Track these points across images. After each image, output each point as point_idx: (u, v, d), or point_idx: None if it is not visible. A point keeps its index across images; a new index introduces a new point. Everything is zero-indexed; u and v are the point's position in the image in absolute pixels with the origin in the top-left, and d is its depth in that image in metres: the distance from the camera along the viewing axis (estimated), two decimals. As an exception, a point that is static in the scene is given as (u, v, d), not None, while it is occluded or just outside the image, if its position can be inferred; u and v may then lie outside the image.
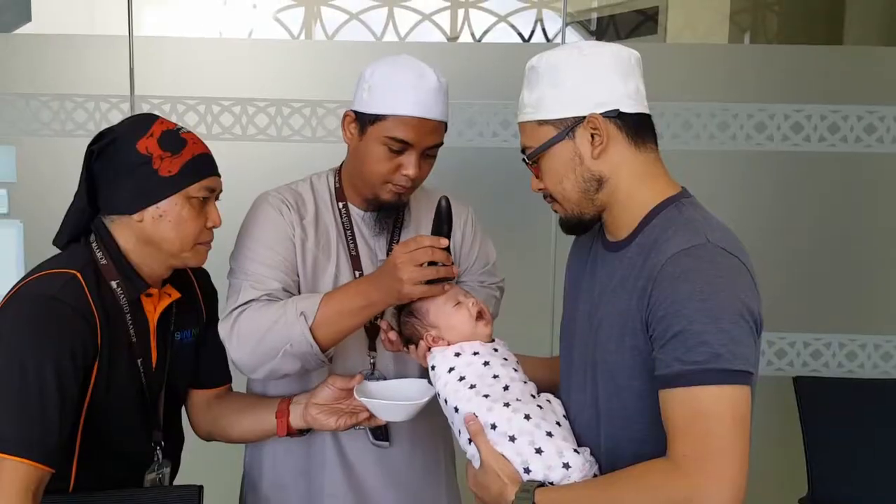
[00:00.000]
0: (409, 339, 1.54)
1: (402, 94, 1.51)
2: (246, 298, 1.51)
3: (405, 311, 1.53)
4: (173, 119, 2.54)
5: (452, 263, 1.45)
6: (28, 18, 2.92)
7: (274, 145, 2.57)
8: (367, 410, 1.52)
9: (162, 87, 2.57)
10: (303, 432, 1.59)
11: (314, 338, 1.45)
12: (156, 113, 1.74)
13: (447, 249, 1.44)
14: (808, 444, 2.40)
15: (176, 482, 1.62)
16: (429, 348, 1.48)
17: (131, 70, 2.56)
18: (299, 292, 1.59)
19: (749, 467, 1.13)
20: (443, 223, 1.47)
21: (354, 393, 1.49)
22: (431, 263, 1.42)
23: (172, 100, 2.56)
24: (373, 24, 2.80)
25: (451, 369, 1.42)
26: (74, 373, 1.35)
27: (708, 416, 1.12)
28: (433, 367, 1.46)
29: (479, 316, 1.48)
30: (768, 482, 2.55)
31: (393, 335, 1.55)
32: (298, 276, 1.59)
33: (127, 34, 2.55)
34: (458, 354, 1.44)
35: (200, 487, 1.52)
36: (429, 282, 1.42)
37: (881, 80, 2.59)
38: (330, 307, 1.47)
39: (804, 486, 2.40)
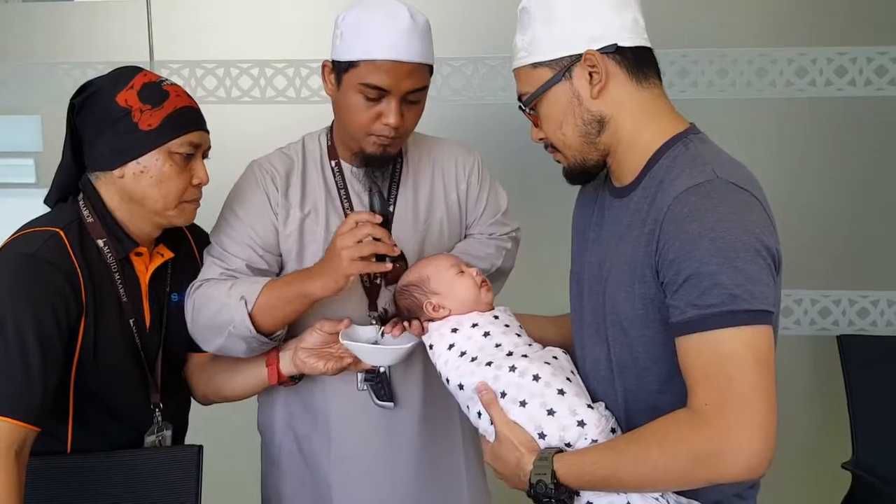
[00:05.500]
0: (406, 313, 1.50)
1: (373, 37, 1.43)
2: (206, 276, 1.53)
3: (404, 281, 1.49)
4: (192, 83, 2.53)
5: (395, 245, 1.41)
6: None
7: (293, 107, 2.52)
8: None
9: (180, 51, 2.54)
10: (294, 379, 1.56)
11: (253, 322, 1.44)
12: (164, 75, 1.69)
13: (387, 228, 1.40)
14: (853, 408, 2.30)
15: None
16: (427, 321, 1.45)
17: (149, 35, 2.53)
18: (281, 267, 1.57)
19: (790, 433, 1.06)
20: (373, 207, 1.41)
21: (340, 337, 1.47)
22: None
23: (191, 64, 2.53)
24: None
25: (451, 346, 1.39)
26: (57, 329, 1.33)
27: (728, 360, 1.06)
28: (431, 346, 1.43)
29: (482, 284, 1.46)
30: (810, 448, 2.48)
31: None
32: (281, 250, 1.56)
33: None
34: (455, 330, 1.41)
35: (200, 447, 1.51)
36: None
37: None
38: (271, 294, 1.46)
39: (848, 452, 2.31)
